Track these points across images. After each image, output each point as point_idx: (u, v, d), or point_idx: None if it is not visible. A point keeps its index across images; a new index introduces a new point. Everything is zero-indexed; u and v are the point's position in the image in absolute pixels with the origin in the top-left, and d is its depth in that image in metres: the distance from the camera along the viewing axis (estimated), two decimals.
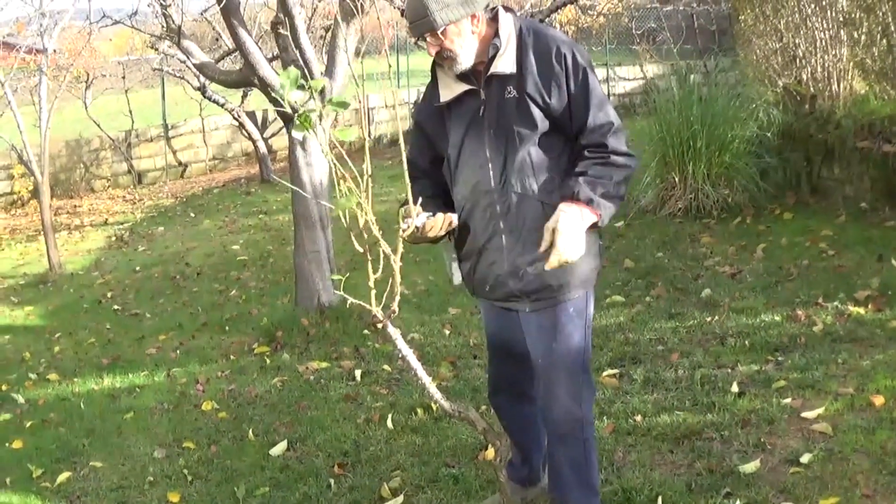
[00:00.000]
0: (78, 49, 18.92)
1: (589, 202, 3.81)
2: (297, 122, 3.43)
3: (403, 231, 3.80)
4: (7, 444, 7.00)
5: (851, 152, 10.16)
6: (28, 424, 7.42)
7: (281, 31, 8.53)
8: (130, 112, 22.80)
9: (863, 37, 10.84)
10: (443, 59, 3.96)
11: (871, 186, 9.92)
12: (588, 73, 3.91)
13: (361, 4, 8.15)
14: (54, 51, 16.33)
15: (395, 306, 3.71)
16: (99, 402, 7.74)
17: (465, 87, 4.01)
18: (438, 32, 3.84)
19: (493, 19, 3.99)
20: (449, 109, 4.10)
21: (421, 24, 3.86)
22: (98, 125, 21.94)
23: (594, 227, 3.89)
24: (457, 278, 4.32)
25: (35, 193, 15.57)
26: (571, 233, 3.76)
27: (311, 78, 8.09)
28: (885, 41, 10.51)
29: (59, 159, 21.34)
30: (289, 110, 3.38)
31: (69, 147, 21.83)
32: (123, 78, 24.42)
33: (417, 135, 4.31)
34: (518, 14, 4.14)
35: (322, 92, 6.59)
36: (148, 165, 22.87)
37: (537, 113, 3.91)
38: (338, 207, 3.46)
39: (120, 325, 10.44)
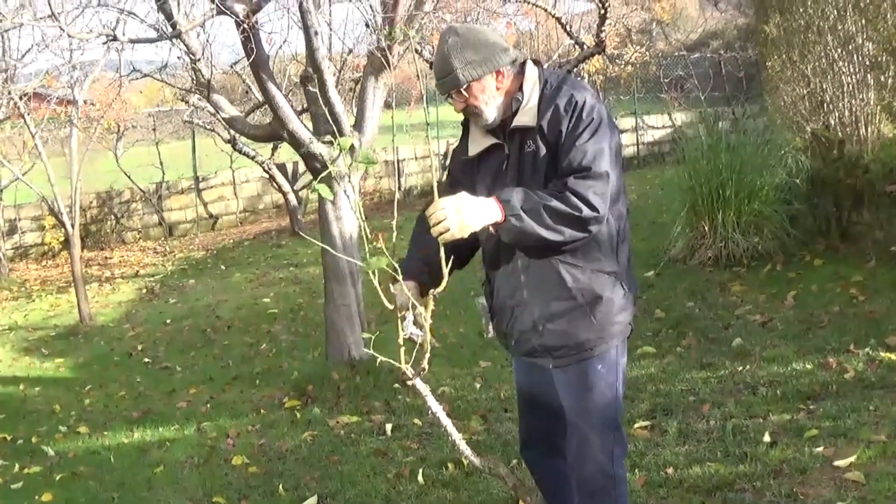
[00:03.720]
0: (108, 100, 19.04)
1: (504, 201, 3.70)
2: (317, 186, 3.44)
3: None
4: (37, 497, 7.00)
5: (881, 196, 10.12)
6: (58, 477, 7.43)
7: (310, 88, 8.59)
8: (161, 164, 22.92)
9: (890, 80, 10.83)
10: (470, 114, 3.99)
11: None
12: (594, 124, 3.79)
13: (389, 58, 8.20)
14: (84, 102, 16.43)
15: (425, 363, 3.70)
16: (129, 456, 7.76)
17: (491, 141, 4.02)
18: (462, 90, 3.88)
19: (521, 72, 3.99)
20: (478, 162, 4.10)
21: (446, 82, 3.89)
22: (129, 177, 22.09)
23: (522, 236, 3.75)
24: (490, 330, 4.31)
25: (66, 245, 15.66)
26: (458, 204, 3.66)
27: (341, 132, 8.13)
28: None
29: (89, 211, 21.51)
30: (334, 172, 3.39)
31: (100, 198, 21.99)
32: (154, 129, 24.57)
33: (450, 183, 4.26)
34: (546, 66, 4.12)
35: (352, 148, 6.62)
36: (179, 217, 23.00)
37: (553, 168, 3.86)
38: (367, 267, 3.46)
39: (150, 378, 10.46)
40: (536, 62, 4.07)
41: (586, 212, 3.70)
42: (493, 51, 3.88)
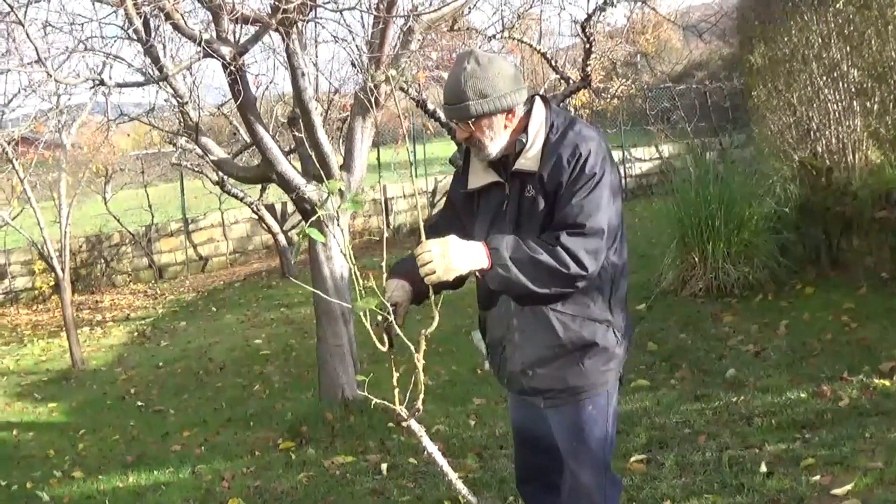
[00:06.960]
0: (96, 144, 19.06)
1: (493, 249, 3.69)
2: (308, 230, 3.44)
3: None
4: None
5: (870, 223, 10.15)
6: None
7: (297, 132, 8.59)
8: (150, 206, 22.94)
9: (875, 106, 10.89)
10: (471, 145, 3.93)
11: (890, 256, 9.89)
12: (595, 178, 3.74)
13: (377, 97, 8.20)
14: (72, 146, 16.43)
15: (419, 404, 3.69)
16: (124, 500, 7.71)
17: (492, 178, 3.97)
18: (469, 122, 3.83)
19: (529, 111, 3.92)
20: (478, 196, 4.05)
21: (454, 110, 3.83)
22: (118, 220, 22.12)
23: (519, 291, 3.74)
24: (486, 366, 4.30)
25: (56, 289, 15.62)
26: (445, 247, 3.65)
27: (329, 173, 8.12)
28: None
29: (79, 255, 21.50)
30: (324, 215, 3.40)
31: (89, 242, 22.00)
32: (142, 172, 24.60)
33: (448, 207, 4.25)
34: (554, 105, 4.04)
35: (341, 191, 6.62)
36: (169, 260, 22.99)
37: (549, 217, 3.81)
38: (356, 309, 3.45)
39: (144, 421, 10.42)
40: (545, 100, 4.00)
41: (574, 269, 3.68)
42: (510, 89, 3.81)
